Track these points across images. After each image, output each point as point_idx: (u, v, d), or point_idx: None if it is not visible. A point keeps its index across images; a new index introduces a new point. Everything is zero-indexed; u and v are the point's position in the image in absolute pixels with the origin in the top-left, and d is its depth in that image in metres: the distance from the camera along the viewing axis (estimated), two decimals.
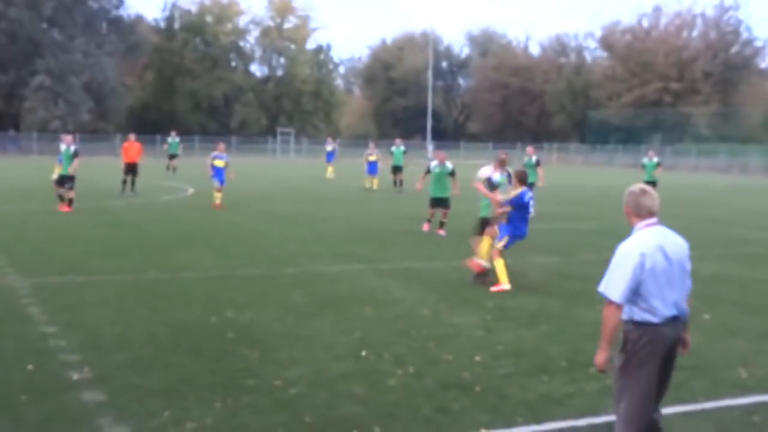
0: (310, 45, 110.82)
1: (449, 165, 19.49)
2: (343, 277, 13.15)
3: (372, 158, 34.98)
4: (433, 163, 19.76)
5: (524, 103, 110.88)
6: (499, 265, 12.28)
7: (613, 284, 5.23)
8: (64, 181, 22.79)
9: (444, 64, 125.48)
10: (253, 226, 20.25)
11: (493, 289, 12.09)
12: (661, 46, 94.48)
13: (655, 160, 29.44)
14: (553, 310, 10.96)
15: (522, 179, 12.88)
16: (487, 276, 12.67)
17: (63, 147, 23.22)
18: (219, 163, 24.68)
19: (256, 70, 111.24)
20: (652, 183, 28.87)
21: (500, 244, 12.48)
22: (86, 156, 31.81)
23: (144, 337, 8.97)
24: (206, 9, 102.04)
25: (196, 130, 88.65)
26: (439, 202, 19.53)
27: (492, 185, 13.68)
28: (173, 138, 44.65)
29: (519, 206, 12.63)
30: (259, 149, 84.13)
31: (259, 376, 7.61)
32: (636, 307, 5.23)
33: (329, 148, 44.57)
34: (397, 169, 34.67)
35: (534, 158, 25.56)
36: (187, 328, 9.44)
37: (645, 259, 5.17)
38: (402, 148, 35.63)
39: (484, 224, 13.82)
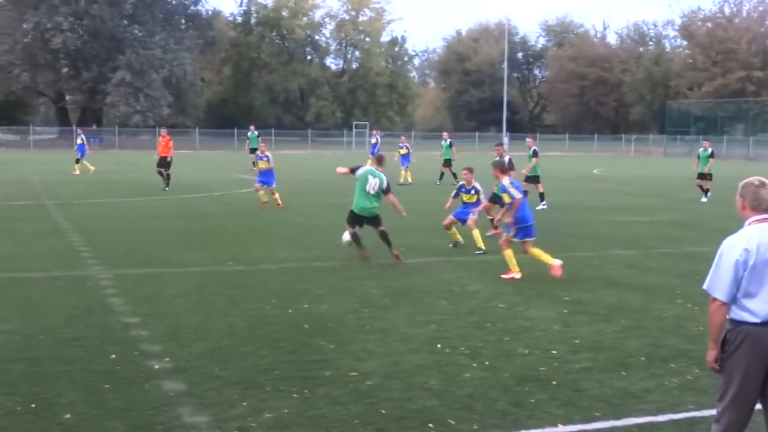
0: (385, 37, 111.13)
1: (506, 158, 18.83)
2: (418, 269, 13.15)
3: (403, 152, 34.89)
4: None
5: (602, 94, 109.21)
6: (508, 255, 12.71)
7: (717, 281, 5.00)
8: None
9: (519, 54, 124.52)
10: (328, 218, 20.37)
11: (505, 276, 12.52)
12: (743, 34, 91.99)
13: (710, 150, 28.40)
14: (632, 303, 10.78)
15: (502, 170, 13.18)
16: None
17: None
18: (262, 164, 23.18)
19: (332, 63, 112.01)
20: (707, 175, 27.90)
21: (510, 235, 12.82)
22: None
23: (222, 328, 9.12)
24: (282, 3, 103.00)
25: (273, 124, 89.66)
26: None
27: None
28: (252, 132, 44.76)
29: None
30: (335, 142, 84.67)
31: (335, 367, 7.67)
32: (734, 305, 4.99)
33: (373, 140, 43.83)
34: (447, 162, 34.72)
35: (532, 149, 24.94)
36: (264, 319, 9.56)
37: (749, 256, 4.92)
38: (448, 141, 35.75)
39: None
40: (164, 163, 28.86)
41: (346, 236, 14.20)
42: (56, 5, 78.86)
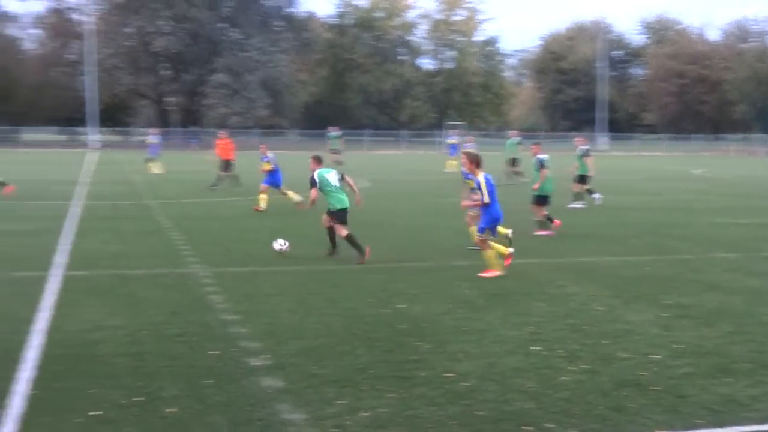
0: (479, 37, 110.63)
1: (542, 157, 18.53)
2: (513, 270, 13.03)
3: (452, 141, 35.09)
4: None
5: (702, 92, 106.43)
6: (488, 255, 12.61)
7: None
8: None
9: (617, 53, 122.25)
10: (423, 218, 20.41)
11: (484, 275, 12.41)
12: None
13: None
14: (735, 308, 10.48)
15: (478, 163, 12.88)
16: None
17: None
18: (266, 166, 22.61)
19: (425, 63, 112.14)
20: None
21: (487, 235, 12.72)
22: None
23: (319, 326, 9.22)
24: (376, 4, 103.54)
25: (367, 124, 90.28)
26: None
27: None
28: (333, 132, 44.26)
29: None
30: (429, 142, 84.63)
31: (431, 368, 7.67)
32: None
33: (453, 141, 43.04)
34: (513, 162, 34.37)
35: (583, 148, 24.19)
36: (360, 318, 9.63)
37: None
38: (516, 139, 35.58)
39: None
40: (227, 165, 29.05)
41: (278, 245, 14.35)
42: (157, 9, 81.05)
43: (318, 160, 15.03)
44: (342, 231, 14.03)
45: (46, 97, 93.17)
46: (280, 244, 14.40)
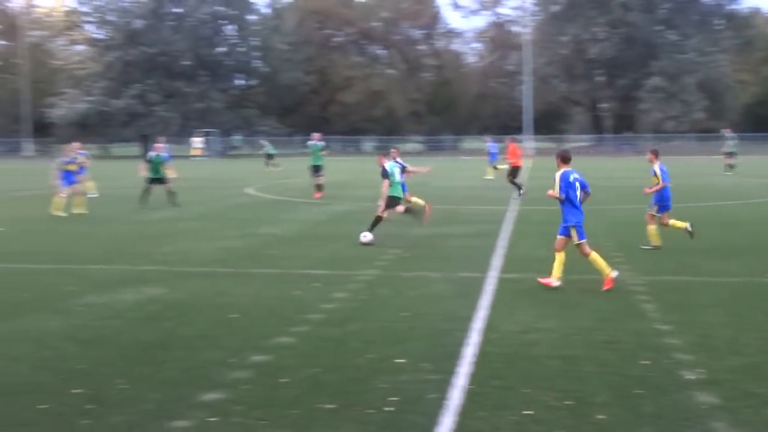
0: None
1: None
2: None
3: None
4: None
5: None
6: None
7: None
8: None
9: None
10: None
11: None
12: None
13: None
14: None
15: (564, 159, 11.94)
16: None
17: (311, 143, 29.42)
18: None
19: None
20: None
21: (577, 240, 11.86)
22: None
23: (758, 342, 8.67)
24: None
25: None
26: None
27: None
28: (729, 134, 44.20)
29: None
30: None
31: None
32: None
33: None
34: None
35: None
36: None
37: None
38: None
39: None
40: (514, 172, 28.27)
41: (367, 237, 15.93)
42: (593, 17, 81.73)
43: (385, 155, 17.17)
44: (380, 210, 16.27)
45: (485, 106, 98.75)
46: (364, 235, 15.99)
